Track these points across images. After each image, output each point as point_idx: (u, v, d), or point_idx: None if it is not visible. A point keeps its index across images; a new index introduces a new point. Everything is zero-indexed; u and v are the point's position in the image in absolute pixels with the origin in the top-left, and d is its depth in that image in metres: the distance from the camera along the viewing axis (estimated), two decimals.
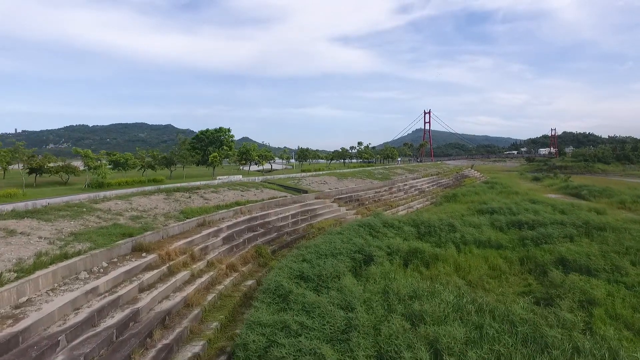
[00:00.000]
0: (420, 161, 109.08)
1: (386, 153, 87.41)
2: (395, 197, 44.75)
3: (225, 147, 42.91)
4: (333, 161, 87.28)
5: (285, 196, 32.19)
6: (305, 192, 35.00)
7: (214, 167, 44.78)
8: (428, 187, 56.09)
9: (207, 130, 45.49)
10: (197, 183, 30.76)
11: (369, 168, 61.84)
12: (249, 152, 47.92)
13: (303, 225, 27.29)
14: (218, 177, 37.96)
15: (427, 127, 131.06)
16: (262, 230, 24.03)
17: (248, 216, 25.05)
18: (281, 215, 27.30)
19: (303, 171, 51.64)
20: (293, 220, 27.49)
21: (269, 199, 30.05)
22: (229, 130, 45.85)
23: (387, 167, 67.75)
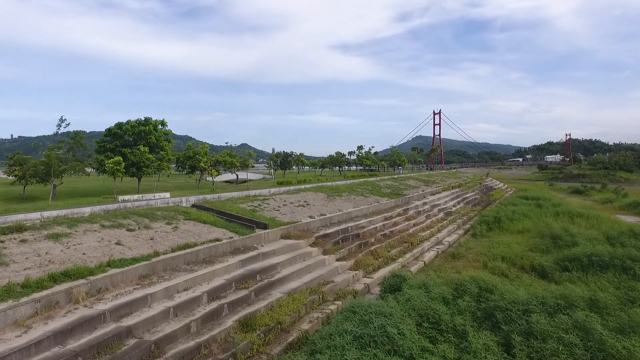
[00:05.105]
0: (431, 169, 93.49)
1: (393, 159, 71.33)
2: (414, 225, 29.31)
3: (141, 148, 27.36)
4: (325, 169, 71.35)
5: (219, 240, 16.76)
6: (265, 225, 19.56)
7: (139, 179, 29.43)
8: (454, 206, 40.66)
9: (129, 121, 29.62)
10: (34, 215, 15.38)
11: (372, 179, 46.52)
12: (196, 157, 32.37)
13: (230, 321, 11.74)
14: (121, 198, 22.55)
15: (436, 130, 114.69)
16: None
17: (66, 319, 9.63)
18: (180, 300, 11.82)
19: (280, 183, 36.31)
20: (209, 309, 11.97)
21: (174, 252, 14.61)
22: (162, 122, 30.14)
23: (396, 177, 52.36)
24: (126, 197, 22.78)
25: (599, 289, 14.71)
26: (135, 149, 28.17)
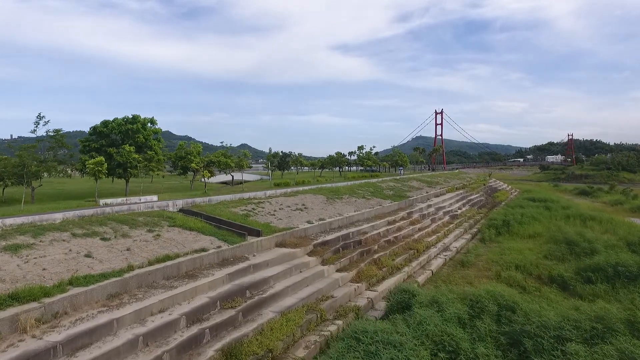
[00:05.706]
0: (434, 170, 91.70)
1: (394, 160, 69.44)
2: (419, 229, 27.55)
3: (127, 148, 25.64)
4: (325, 170, 69.56)
5: (205, 250, 15.00)
6: (258, 232, 17.80)
7: (127, 181, 27.68)
8: (460, 209, 38.92)
9: (115, 119, 27.83)
10: None
11: (374, 180, 44.76)
12: (188, 157, 30.62)
13: (211, 351, 9.97)
14: (102, 201, 20.81)
15: (438, 130, 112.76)
16: None
17: (4, 357, 7.82)
18: (153, 325, 10.06)
19: (277, 185, 34.60)
20: (187, 336, 10.21)
21: (151, 265, 12.85)
22: (151, 120, 28.36)
23: (398, 178, 50.61)
24: (109, 200, 21.05)
25: (636, 308, 12.98)
26: (121, 149, 26.40)
